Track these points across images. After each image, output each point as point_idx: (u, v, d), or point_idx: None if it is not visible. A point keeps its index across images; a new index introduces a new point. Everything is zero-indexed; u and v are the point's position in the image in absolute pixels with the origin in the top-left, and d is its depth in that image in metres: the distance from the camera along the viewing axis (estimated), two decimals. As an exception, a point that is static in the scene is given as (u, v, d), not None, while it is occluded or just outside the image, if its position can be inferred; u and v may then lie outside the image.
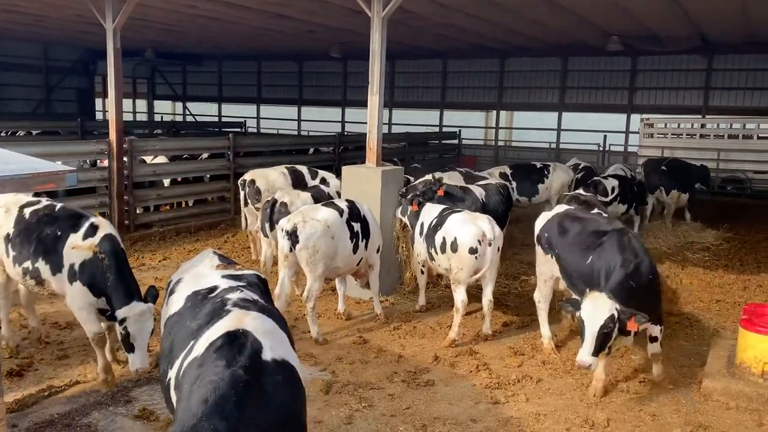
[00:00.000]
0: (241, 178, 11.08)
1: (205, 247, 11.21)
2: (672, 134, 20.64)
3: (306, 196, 9.49)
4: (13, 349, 6.66)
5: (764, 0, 12.94)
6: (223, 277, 4.11)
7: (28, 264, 5.99)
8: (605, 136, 22.88)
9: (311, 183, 11.35)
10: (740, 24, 16.03)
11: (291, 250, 7.11)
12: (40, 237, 5.95)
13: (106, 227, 5.95)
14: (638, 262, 6.01)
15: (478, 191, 9.88)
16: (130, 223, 11.88)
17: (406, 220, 8.74)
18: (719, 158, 19.04)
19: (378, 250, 8.00)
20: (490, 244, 7.29)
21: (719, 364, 6.53)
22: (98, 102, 31.87)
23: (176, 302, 4.01)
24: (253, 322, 3.32)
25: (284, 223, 7.23)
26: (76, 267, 5.77)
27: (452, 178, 11.24)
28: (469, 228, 7.37)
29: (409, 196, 8.79)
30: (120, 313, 5.44)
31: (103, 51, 11.60)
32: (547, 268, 7.18)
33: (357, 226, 7.56)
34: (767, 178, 18.66)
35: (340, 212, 7.47)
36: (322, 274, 7.25)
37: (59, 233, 5.89)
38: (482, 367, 6.63)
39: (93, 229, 5.87)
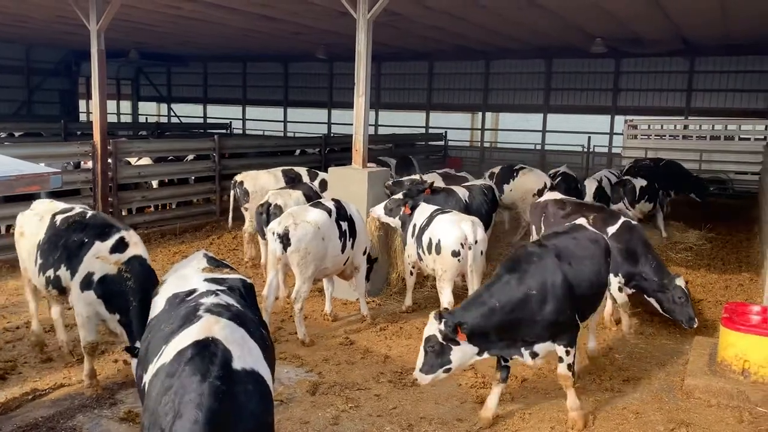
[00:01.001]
0: (234, 178, 11.15)
1: (190, 250, 11.23)
2: (655, 136, 20.91)
3: (298, 194, 9.51)
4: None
5: (743, 4, 13.15)
6: (206, 280, 4.00)
7: (50, 272, 5.81)
8: (589, 138, 23.06)
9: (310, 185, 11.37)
10: (720, 27, 16.25)
11: (283, 253, 7.12)
12: (66, 244, 5.76)
13: (138, 246, 5.70)
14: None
15: (461, 192, 9.91)
16: (114, 225, 11.78)
17: (386, 219, 8.65)
18: (701, 159, 19.28)
19: (364, 252, 8.01)
20: (470, 248, 7.34)
21: (701, 362, 6.62)
22: (82, 103, 31.60)
23: (157, 305, 3.95)
24: (223, 331, 3.22)
25: (275, 226, 7.23)
26: (95, 278, 5.54)
27: (431, 180, 11.25)
28: (453, 231, 7.42)
29: (402, 199, 8.64)
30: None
31: (86, 52, 11.55)
32: None
33: (345, 225, 7.60)
34: (748, 178, 18.92)
35: (329, 212, 7.50)
36: (312, 276, 7.28)
37: (85, 240, 5.69)
38: (468, 366, 6.66)
39: (123, 245, 5.62)
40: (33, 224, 6.14)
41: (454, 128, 26.04)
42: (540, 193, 11.88)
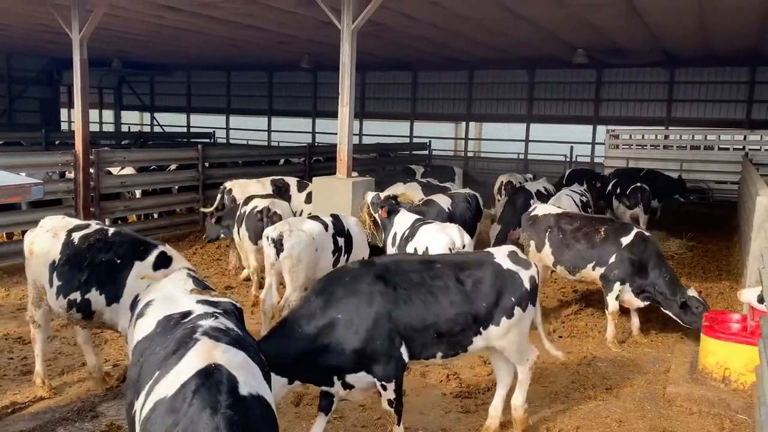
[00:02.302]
0: (224, 185, 11.23)
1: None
2: (637, 145, 21.17)
3: (286, 205, 9.53)
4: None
5: (721, 17, 13.40)
6: (199, 302, 3.81)
7: (76, 295, 5.46)
8: (572, 147, 23.29)
9: (297, 195, 11.40)
10: (700, 39, 16.53)
11: (276, 258, 7.25)
12: (93, 265, 5.45)
13: (181, 260, 5.52)
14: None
15: (443, 201, 9.93)
16: (96, 235, 11.67)
17: (375, 216, 8.80)
18: (682, 169, 19.53)
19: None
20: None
21: (682, 370, 6.69)
22: (64, 112, 31.35)
23: (146, 326, 3.72)
24: (224, 355, 3.04)
25: (270, 232, 7.41)
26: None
27: (411, 189, 11.32)
28: (440, 237, 7.46)
29: (381, 202, 8.75)
30: None
31: (68, 60, 11.46)
32: None
33: (341, 241, 7.74)
34: (728, 188, 19.18)
35: (325, 226, 7.65)
36: (302, 285, 7.35)
37: (118, 261, 5.43)
38: (452, 376, 6.68)
39: (166, 259, 5.43)
40: (45, 242, 5.72)
41: (439, 137, 26.18)
42: None
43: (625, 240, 7.81)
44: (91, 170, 11.51)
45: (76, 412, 5.71)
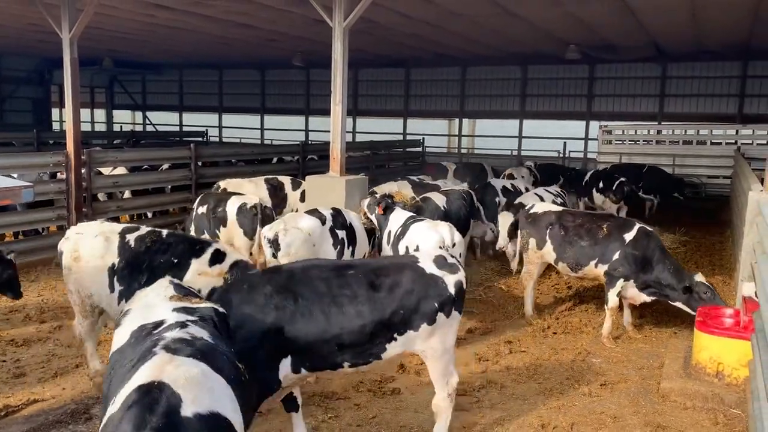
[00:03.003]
0: (218, 184, 11.25)
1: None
2: (629, 141, 21.24)
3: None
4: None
5: (713, 11, 13.43)
6: (175, 310, 3.65)
7: None
8: (565, 143, 23.33)
9: (291, 194, 11.38)
10: (691, 34, 16.58)
11: (274, 257, 7.26)
12: (153, 266, 5.45)
13: (234, 253, 5.55)
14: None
15: (438, 199, 9.92)
16: (89, 235, 11.61)
17: (372, 217, 8.78)
18: (674, 164, 19.60)
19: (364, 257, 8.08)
20: (448, 251, 7.38)
21: (676, 366, 6.71)
22: (55, 112, 31.19)
23: (121, 337, 3.57)
24: (176, 371, 2.84)
25: (266, 231, 7.44)
26: (204, 294, 5.35)
27: (402, 188, 11.32)
28: (431, 235, 7.46)
29: (378, 198, 8.80)
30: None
31: (59, 60, 11.39)
32: None
33: (342, 234, 7.71)
34: (720, 182, 19.28)
35: (323, 220, 7.61)
36: None
37: (175, 260, 5.44)
38: (447, 374, 6.68)
39: (220, 255, 5.45)
40: (96, 247, 5.62)
41: (432, 134, 26.19)
42: None
43: (628, 236, 7.80)
44: (83, 171, 11.45)
45: (70, 415, 5.68)
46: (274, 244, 7.27)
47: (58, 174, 11.64)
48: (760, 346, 4.66)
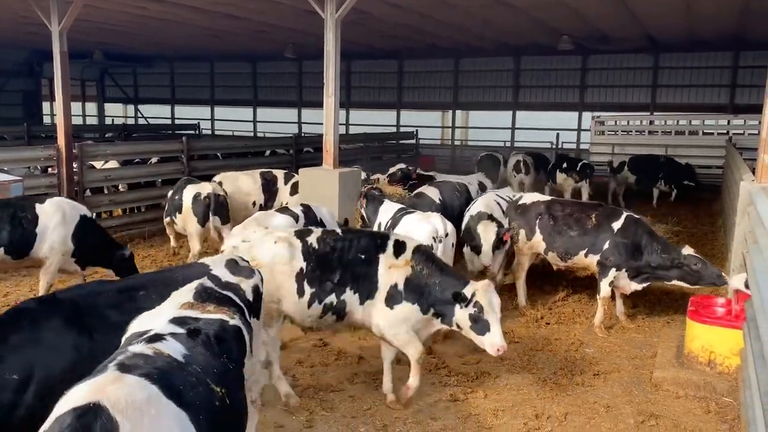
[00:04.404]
0: (213, 179, 11.19)
1: (159, 254, 11.09)
2: (622, 131, 21.28)
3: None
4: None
5: (705, 2, 13.44)
6: (171, 320, 3.34)
7: (331, 299, 5.54)
8: (558, 134, 23.35)
9: (282, 188, 11.35)
10: (684, 24, 16.59)
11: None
12: (342, 265, 5.57)
13: (411, 240, 5.82)
14: None
15: (433, 193, 9.90)
16: (81, 229, 11.56)
17: (362, 212, 8.80)
18: (667, 154, 19.64)
19: None
20: (441, 241, 7.39)
21: (669, 355, 6.75)
22: (46, 105, 30.97)
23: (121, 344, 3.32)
24: (117, 392, 2.51)
25: (233, 238, 7.01)
26: (401, 287, 5.52)
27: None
28: (423, 226, 7.45)
29: (363, 190, 8.85)
30: (467, 290, 5.33)
31: (49, 52, 11.30)
32: None
33: None
34: (713, 172, 19.34)
35: (295, 218, 7.47)
36: None
37: (363, 257, 5.58)
38: (441, 365, 6.70)
39: (402, 246, 5.65)
40: (282, 252, 5.53)
41: (425, 126, 26.16)
42: None
43: (617, 225, 7.85)
44: (75, 164, 11.39)
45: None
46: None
47: (50, 168, 11.58)
48: (751, 334, 4.69)
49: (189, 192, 9.57)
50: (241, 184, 11.04)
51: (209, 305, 3.65)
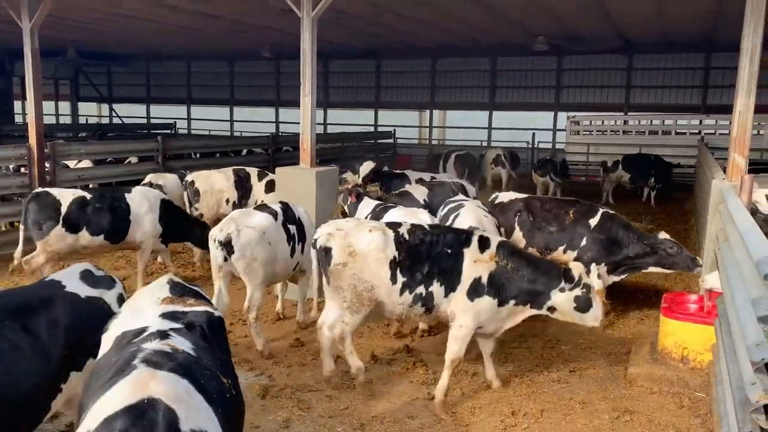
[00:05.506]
0: (185, 178, 11.15)
1: (134, 254, 10.90)
2: (597, 131, 21.53)
3: (173, 177, 10.31)
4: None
5: (678, 4, 13.64)
6: (161, 315, 3.33)
7: (421, 290, 5.68)
8: (534, 134, 23.54)
9: (256, 185, 11.28)
10: (657, 25, 16.83)
11: (225, 260, 6.75)
12: (431, 258, 5.70)
13: (494, 235, 5.96)
14: None
15: (419, 193, 9.87)
16: (53, 230, 11.36)
17: (345, 208, 8.80)
18: (640, 153, 19.91)
19: None
20: None
21: (643, 351, 6.84)
22: (18, 104, 30.39)
23: (106, 343, 3.28)
24: (161, 387, 2.55)
25: (216, 233, 6.83)
26: (484, 281, 5.63)
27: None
28: (410, 221, 7.44)
29: (349, 187, 8.86)
30: (574, 275, 5.64)
31: (21, 50, 11.07)
32: None
33: (293, 229, 7.37)
34: (685, 171, 19.65)
35: (275, 215, 7.24)
36: (263, 282, 6.97)
37: (449, 251, 5.70)
38: (419, 363, 6.71)
39: (486, 241, 5.78)
40: (377, 241, 5.69)
41: (403, 126, 26.19)
42: None
43: (593, 221, 8.03)
44: (47, 164, 11.19)
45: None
46: (226, 246, 6.65)
47: (22, 168, 11.37)
48: (722, 330, 4.76)
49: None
50: (214, 181, 10.97)
51: (189, 298, 3.64)
